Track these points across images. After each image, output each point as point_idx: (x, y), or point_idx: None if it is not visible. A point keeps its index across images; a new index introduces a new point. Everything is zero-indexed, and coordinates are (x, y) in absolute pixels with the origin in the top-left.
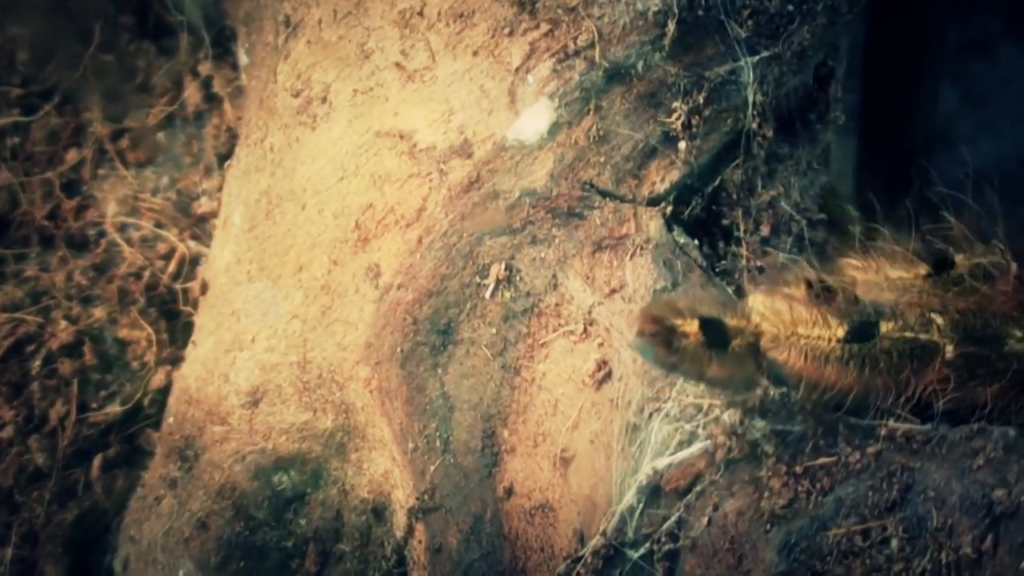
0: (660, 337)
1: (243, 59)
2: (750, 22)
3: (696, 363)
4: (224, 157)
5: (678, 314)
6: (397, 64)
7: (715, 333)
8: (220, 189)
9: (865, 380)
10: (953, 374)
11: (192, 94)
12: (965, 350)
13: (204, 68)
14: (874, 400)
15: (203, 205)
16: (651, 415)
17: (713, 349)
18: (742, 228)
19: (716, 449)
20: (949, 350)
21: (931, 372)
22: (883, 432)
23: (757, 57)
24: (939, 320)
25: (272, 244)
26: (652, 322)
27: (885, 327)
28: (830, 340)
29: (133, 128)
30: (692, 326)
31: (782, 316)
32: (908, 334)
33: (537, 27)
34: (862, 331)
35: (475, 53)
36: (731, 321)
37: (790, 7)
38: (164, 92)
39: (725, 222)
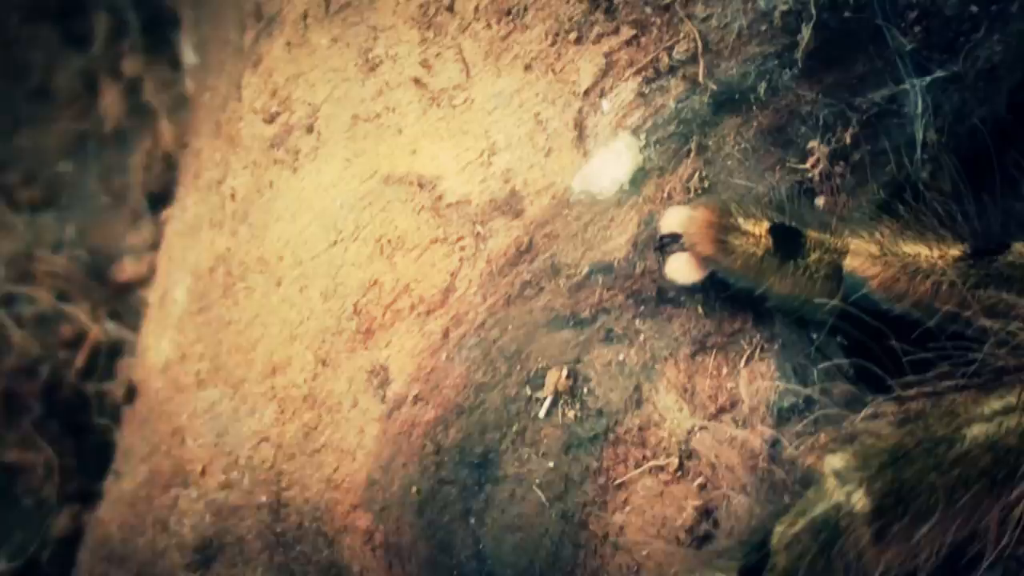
0: (712, 234)
1: (189, 57)
2: (918, 28)
3: (755, 272)
4: (160, 199)
5: (746, 214)
6: (416, 80)
7: (788, 241)
8: (155, 247)
9: None
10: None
11: (112, 104)
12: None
13: (130, 66)
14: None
15: (128, 269)
16: None
17: (782, 258)
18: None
19: None
20: None
21: None
22: None
23: (929, 78)
24: None
25: (233, 334)
26: (708, 212)
27: None
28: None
29: (25, 152)
30: (760, 227)
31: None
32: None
33: (616, 32)
34: None
35: (527, 67)
36: (813, 233)
37: (973, 7)
38: (72, 99)
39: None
